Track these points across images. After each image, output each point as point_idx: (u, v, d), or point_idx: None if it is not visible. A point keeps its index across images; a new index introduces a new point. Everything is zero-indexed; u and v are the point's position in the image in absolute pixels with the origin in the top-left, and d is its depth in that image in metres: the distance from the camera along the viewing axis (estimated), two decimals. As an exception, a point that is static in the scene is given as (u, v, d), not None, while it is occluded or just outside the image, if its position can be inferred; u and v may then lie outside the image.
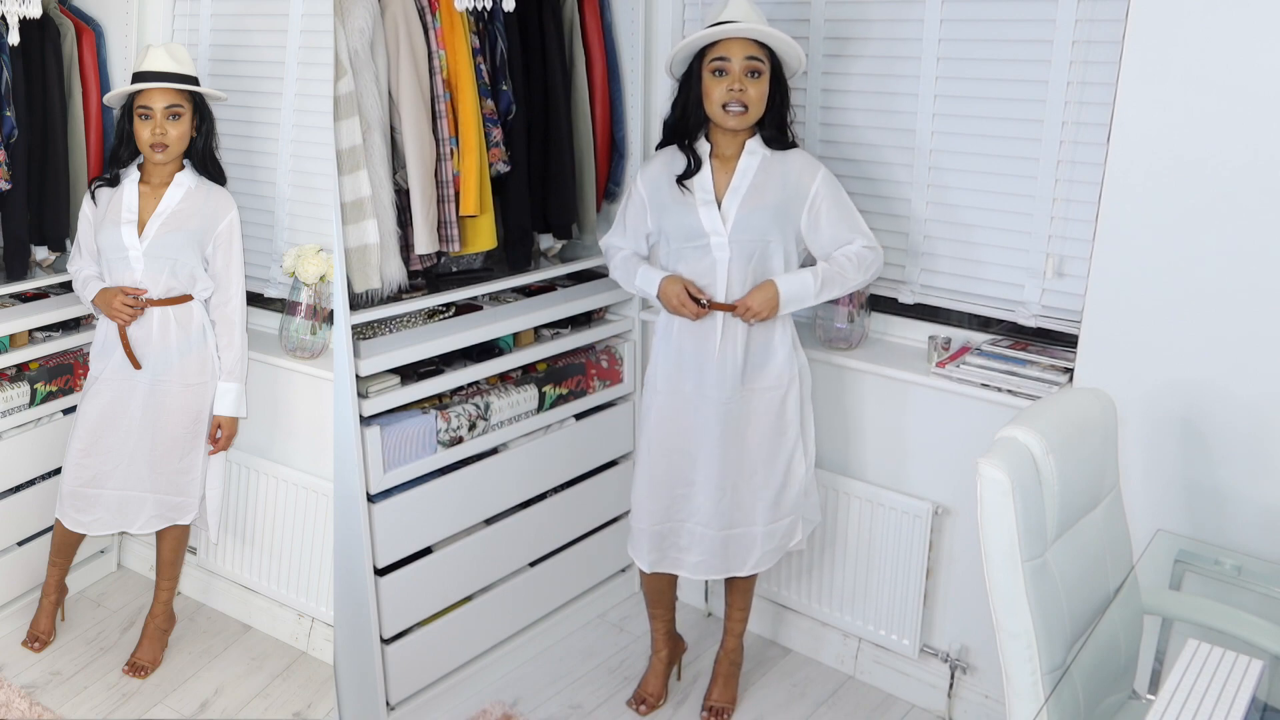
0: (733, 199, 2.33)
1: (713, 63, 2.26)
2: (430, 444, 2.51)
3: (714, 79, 2.27)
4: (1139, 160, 2.06)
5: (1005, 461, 1.65)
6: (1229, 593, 2.03)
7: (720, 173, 2.35)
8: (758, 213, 2.32)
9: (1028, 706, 1.68)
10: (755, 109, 2.28)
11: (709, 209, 2.33)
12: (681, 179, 2.34)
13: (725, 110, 2.26)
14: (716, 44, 2.26)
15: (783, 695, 2.76)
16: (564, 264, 2.84)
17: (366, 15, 2.25)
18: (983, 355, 2.49)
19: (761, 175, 2.33)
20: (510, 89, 2.57)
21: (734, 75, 2.25)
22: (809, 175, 2.34)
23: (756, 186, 2.33)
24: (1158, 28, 1.99)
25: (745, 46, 2.24)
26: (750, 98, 2.26)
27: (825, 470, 2.71)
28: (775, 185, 2.33)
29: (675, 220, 2.37)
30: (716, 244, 2.33)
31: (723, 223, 2.32)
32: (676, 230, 2.36)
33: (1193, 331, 2.07)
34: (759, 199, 2.32)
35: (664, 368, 2.43)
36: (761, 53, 2.26)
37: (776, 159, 2.35)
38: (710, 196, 2.33)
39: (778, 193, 2.33)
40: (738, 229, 2.32)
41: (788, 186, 2.33)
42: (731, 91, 2.25)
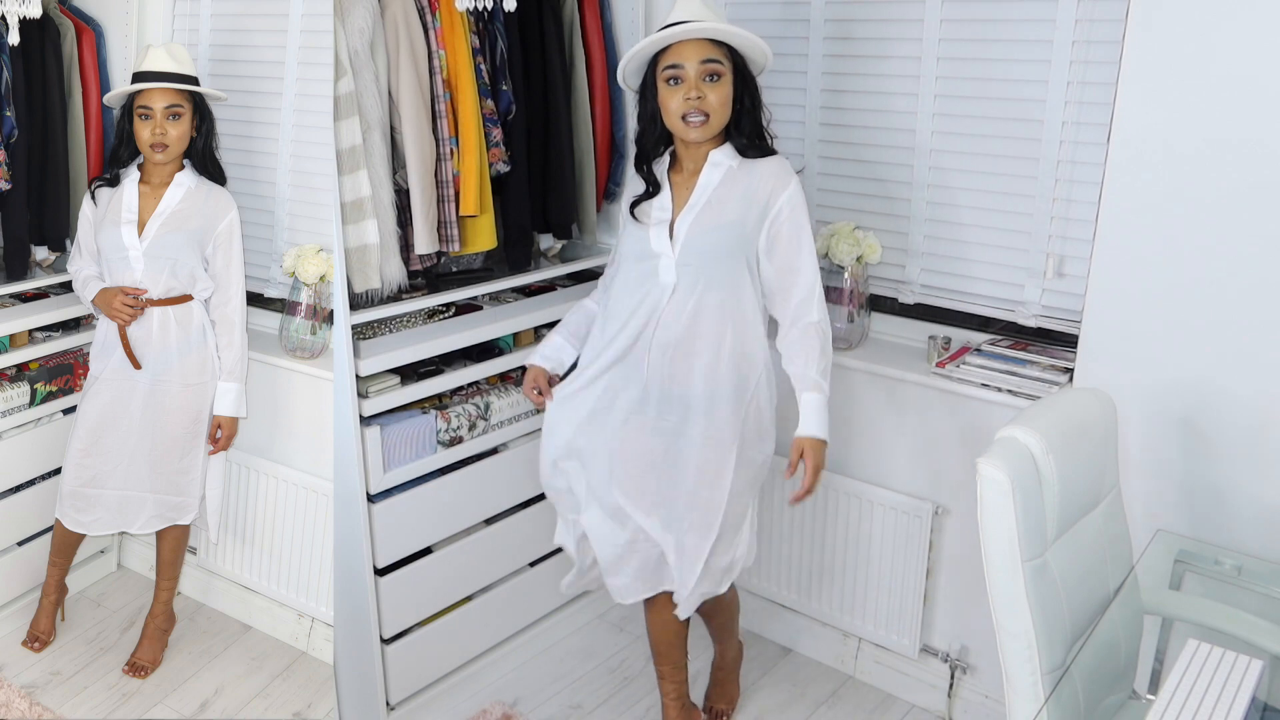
0: (685, 218, 2.11)
1: (666, 70, 2.05)
2: (430, 444, 2.51)
3: (669, 88, 2.06)
4: (1139, 160, 2.06)
5: (1005, 461, 1.65)
6: (1229, 593, 2.03)
7: (682, 189, 2.14)
8: (711, 234, 2.09)
9: (1028, 706, 1.68)
10: (718, 116, 2.07)
11: (660, 229, 2.13)
12: (635, 205, 2.16)
13: (685, 122, 2.05)
14: (668, 49, 2.05)
15: (783, 695, 2.76)
16: (564, 264, 2.84)
17: (366, 15, 2.25)
18: (983, 355, 2.49)
19: (723, 189, 2.11)
20: (510, 89, 2.57)
21: (690, 82, 2.03)
22: (778, 186, 2.11)
23: (714, 203, 2.10)
24: (1158, 27, 1.99)
25: (700, 48, 2.03)
26: (710, 104, 2.04)
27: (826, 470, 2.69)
28: (736, 200, 2.10)
29: (631, 241, 2.18)
30: (664, 267, 2.12)
31: (671, 244, 2.12)
32: (631, 252, 2.18)
33: (1193, 331, 2.07)
34: (714, 217, 2.10)
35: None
36: (719, 53, 2.05)
37: (744, 169, 2.12)
38: (666, 215, 2.14)
39: (737, 208, 2.10)
40: (687, 251, 2.10)
41: (750, 199, 2.10)
42: (689, 100, 2.03)
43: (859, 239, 2.55)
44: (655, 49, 2.07)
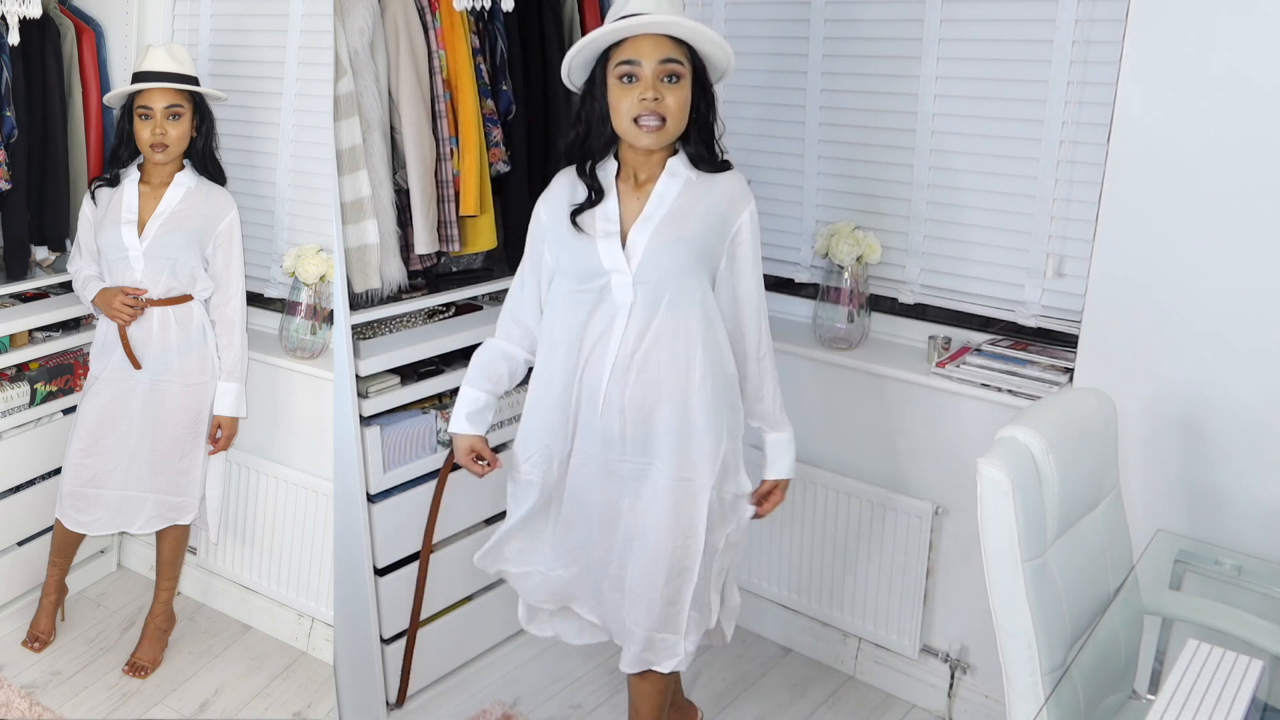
0: (643, 229, 1.90)
1: (620, 67, 1.84)
2: (430, 444, 2.51)
3: (622, 87, 1.84)
4: (1139, 160, 2.06)
5: (1005, 461, 1.65)
6: (1229, 593, 2.03)
7: (630, 199, 1.93)
8: (674, 247, 1.89)
9: (1028, 706, 1.68)
10: (675, 122, 1.86)
11: (609, 242, 1.90)
12: (577, 213, 1.93)
13: (638, 125, 1.84)
14: (622, 43, 1.84)
15: (783, 695, 2.76)
16: (564, 264, 2.84)
17: (366, 15, 2.25)
18: (983, 355, 2.49)
19: (683, 201, 1.91)
20: (510, 89, 2.56)
21: (646, 81, 1.82)
22: (738, 204, 1.95)
23: (676, 214, 1.90)
24: (1158, 28, 1.99)
25: (659, 46, 1.82)
26: (669, 107, 1.83)
27: (826, 470, 2.71)
28: (699, 213, 1.91)
29: (572, 256, 1.94)
30: (619, 284, 1.90)
31: (626, 259, 1.90)
32: (573, 268, 1.94)
33: (1193, 331, 2.07)
34: (677, 229, 1.90)
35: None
36: (680, 52, 1.84)
37: (703, 182, 1.93)
38: (614, 228, 1.91)
39: (701, 222, 1.91)
40: (646, 266, 1.89)
41: (713, 214, 1.92)
42: (644, 101, 1.82)
43: (859, 239, 2.55)
44: (609, 42, 1.85)
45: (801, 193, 2.76)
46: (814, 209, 2.75)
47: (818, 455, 2.73)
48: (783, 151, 2.77)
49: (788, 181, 2.78)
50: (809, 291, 2.79)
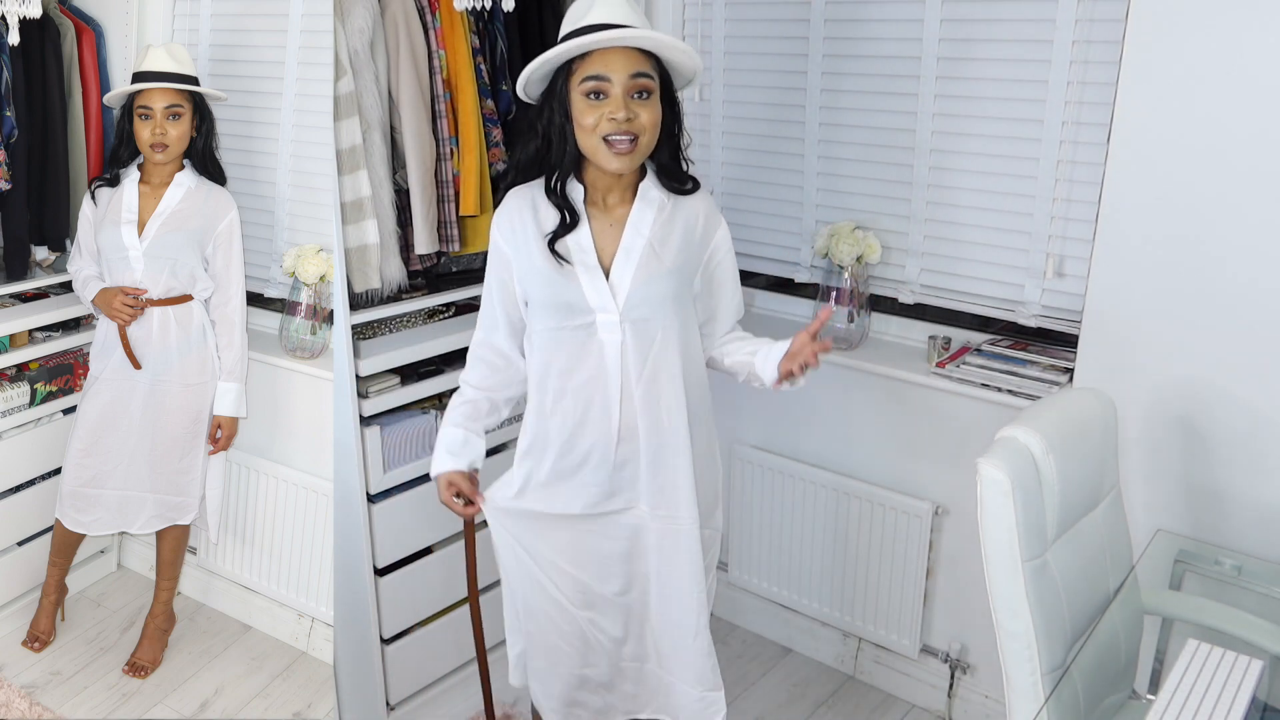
0: (625, 263, 1.78)
1: (586, 82, 1.69)
2: (430, 444, 2.50)
3: (588, 103, 1.69)
4: (1139, 159, 2.06)
5: (1005, 461, 1.65)
6: (1229, 593, 2.03)
7: (602, 224, 1.80)
8: (659, 281, 1.78)
9: (1028, 706, 1.68)
10: (648, 140, 1.72)
11: (593, 277, 1.77)
12: (554, 240, 1.77)
13: (608, 144, 1.70)
14: (588, 56, 1.69)
15: (783, 695, 2.76)
16: (564, 264, 2.84)
17: (366, 15, 2.25)
18: (983, 355, 2.49)
19: (660, 228, 1.80)
20: (510, 89, 2.56)
21: (617, 100, 1.68)
22: (711, 225, 1.87)
23: (655, 244, 1.79)
24: (1158, 28, 1.99)
25: (629, 59, 1.69)
26: (643, 125, 1.70)
27: (826, 470, 2.71)
28: (676, 241, 1.81)
29: (548, 289, 1.78)
30: (605, 324, 1.77)
31: (613, 296, 1.77)
32: (550, 302, 1.79)
33: (1193, 331, 2.07)
34: (659, 262, 1.79)
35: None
36: (648, 64, 1.71)
37: (674, 205, 1.82)
38: (591, 259, 1.77)
39: (679, 252, 1.81)
40: (634, 304, 1.77)
41: (687, 239, 1.83)
42: (615, 121, 1.68)
43: (859, 239, 2.55)
44: (576, 54, 1.71)
45: (801, 193, 2.76)
46: (814, 209, 2.75)
47: (818, 455, 2.73)
48: (783, 151, 2.77)
49: (788, 181, 2.78)
50: (809, 291, 2.79)
